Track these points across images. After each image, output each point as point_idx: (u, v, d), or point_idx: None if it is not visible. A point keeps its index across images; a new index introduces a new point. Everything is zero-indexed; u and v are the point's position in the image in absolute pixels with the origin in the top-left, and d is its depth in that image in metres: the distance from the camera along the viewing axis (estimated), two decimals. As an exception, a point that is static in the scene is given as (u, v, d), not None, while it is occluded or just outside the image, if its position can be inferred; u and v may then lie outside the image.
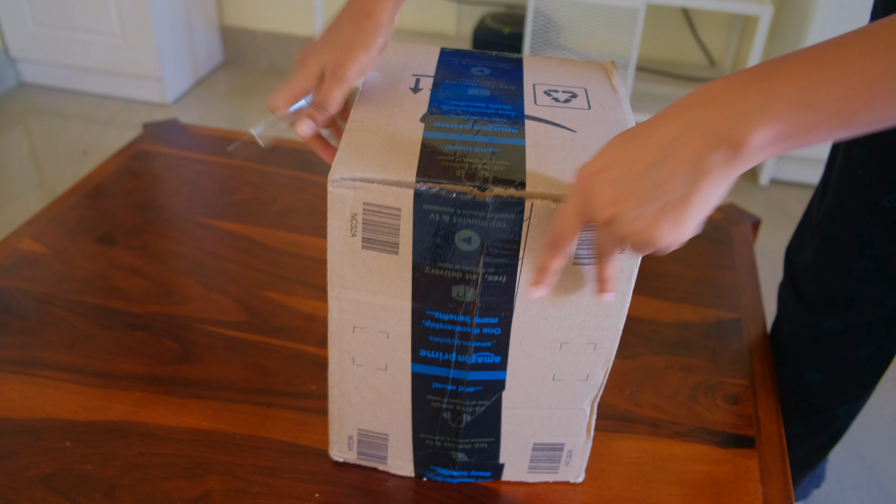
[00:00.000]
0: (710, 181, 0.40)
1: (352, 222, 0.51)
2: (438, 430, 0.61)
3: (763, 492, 0.65)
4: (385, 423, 0.62)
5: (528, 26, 2.03)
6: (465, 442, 0.62)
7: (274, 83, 2.58)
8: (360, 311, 0.55)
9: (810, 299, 0.81)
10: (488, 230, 0.49)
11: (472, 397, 0.59)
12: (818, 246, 0.79)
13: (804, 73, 0.38)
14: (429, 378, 0.58)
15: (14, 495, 0.61)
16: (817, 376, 0.84)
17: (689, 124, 0.40)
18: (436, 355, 0.56)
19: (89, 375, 0.73)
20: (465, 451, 0.63)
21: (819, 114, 0.37)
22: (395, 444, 0.63)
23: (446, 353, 0.56)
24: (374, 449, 0.64)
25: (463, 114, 0.55)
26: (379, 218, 0.50)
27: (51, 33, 2.32)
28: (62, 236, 0.91)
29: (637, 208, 0.41)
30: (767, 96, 0.38)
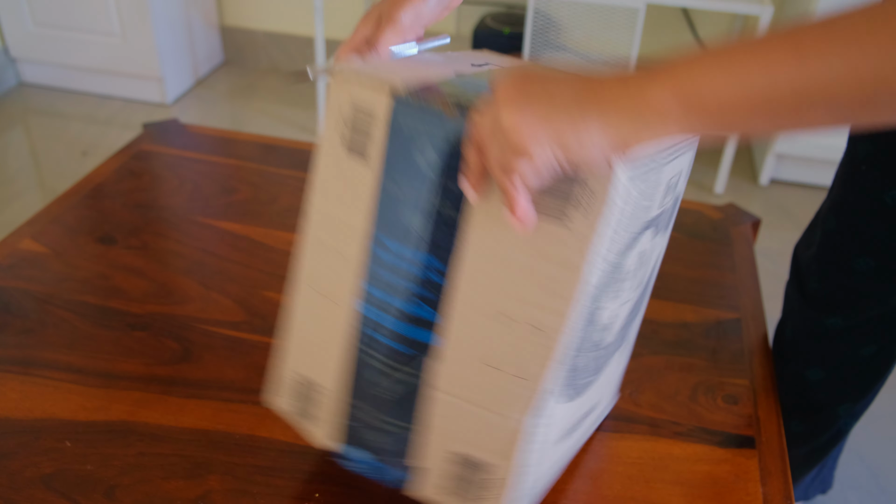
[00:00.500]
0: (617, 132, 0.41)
1: (341, 124, 0.51)
2: (368, 396, 0.57)
3: (763, 492, 0.65)
4: (319, 370, 0.59)
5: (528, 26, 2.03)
6: (387, 421, 0.57)
7: (274, 83, 2.58)
8: (328, 225, 0.55)
9: (813, 296, 0.81)
10: (452, 156, 0.49)
11: (401, 359, 0.54)
12: (821, 242, 0.79)
13: (702, 70, 0.39)
14: (370, 323, 0.55)
15: (14, 495, 0.61)
16: (818, 374, 0.84)
17: (590, 123, 0.41)
18: (380, 295, 0.54)
19: (89, 375, 0.73)
20: (383, 431, 0.58)
21: (706, 120, 0.39)
22: (324, 402, 0.60)
23: (391, 295, 0.53)
24: (304, 402, 0.61)
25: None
26: (360, 121, 0.50)
27: (51, 33, 2.32)
28: (62, 236, 0.91)
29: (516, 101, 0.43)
30: (674, 75, 0.39)
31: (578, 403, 0.58)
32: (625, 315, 0.59)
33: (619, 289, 0.54)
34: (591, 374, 0.58)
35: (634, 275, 0.56)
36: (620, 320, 0.58)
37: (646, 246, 0.55)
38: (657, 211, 0.53)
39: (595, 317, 0.52)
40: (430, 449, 0.56)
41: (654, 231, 0.55)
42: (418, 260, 0.52)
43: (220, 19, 2.62)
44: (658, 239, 0.58)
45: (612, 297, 0.53)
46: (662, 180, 0.51)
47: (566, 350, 0.49)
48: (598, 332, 0.54)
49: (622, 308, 0.57)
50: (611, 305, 0.54)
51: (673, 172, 0.53)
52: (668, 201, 0.55)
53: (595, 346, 0.55)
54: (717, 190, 2.13)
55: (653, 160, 0.48)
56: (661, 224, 0.57)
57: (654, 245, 0.58)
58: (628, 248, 0.51)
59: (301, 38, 2.60)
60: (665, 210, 0.56)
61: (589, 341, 0.54)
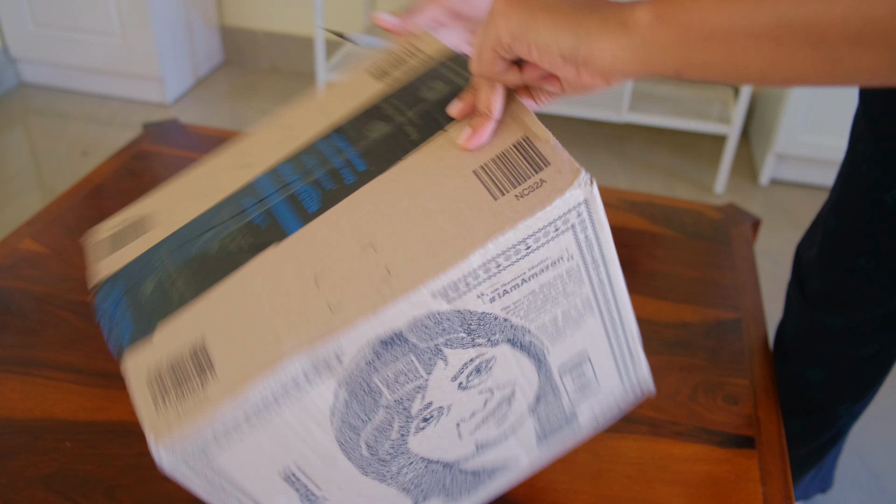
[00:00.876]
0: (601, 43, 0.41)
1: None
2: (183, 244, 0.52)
3: (763, 492, 0.65)
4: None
5: (528, 26, 2.03)
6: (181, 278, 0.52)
7: (274, 83, 2.58)
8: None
9: (813, 295, 0.81)
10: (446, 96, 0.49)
11: (249, 233, 0.49)
12: (822, 241, 0.79)
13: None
14: (251, 190, 0.50)
15: (14, 495, 0.61)
16: (818, 374, 0.85)
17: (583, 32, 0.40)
18: (287, 172, 0.49)
19: (89, 375, 0.73)
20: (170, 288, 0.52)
21: (689, 48, 0.38)
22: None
23: (297, 175, 0.48)
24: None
25: None
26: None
27: (51, 33, 2.32)
28: (62, 236, 0.91)
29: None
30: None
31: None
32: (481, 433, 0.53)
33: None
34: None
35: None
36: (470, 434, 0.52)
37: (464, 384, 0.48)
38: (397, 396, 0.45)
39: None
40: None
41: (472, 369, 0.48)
42: (347, 155, 0.48)
43: (220, 19, 2.63)
44: (516, 357, 0.50)
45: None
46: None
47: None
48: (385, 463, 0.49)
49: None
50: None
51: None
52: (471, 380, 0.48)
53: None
54: (717, 190, 2.13)
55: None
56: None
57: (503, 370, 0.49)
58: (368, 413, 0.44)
59: (301, 38, 2.60)
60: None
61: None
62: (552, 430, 0.59)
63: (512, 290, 0.45)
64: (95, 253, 0.49)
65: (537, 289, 0.46)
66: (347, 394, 0.43)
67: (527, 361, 0.51)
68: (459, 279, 0.42)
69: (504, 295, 0.45)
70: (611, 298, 0.52)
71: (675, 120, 2.08)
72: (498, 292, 0.45)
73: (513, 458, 0.58)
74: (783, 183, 2.18)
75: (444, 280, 0.41)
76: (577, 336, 0.52)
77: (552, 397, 0.56)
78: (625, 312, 0.54)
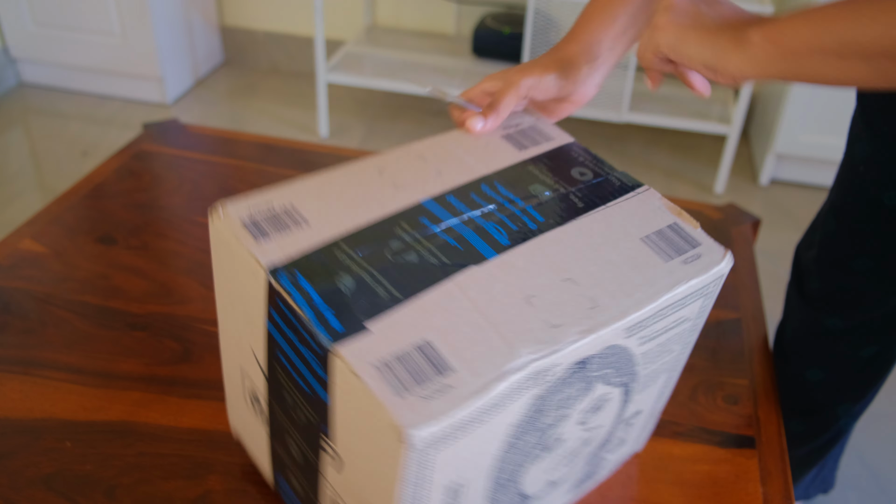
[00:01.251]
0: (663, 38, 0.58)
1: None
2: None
3: (763, 492, 0.65)
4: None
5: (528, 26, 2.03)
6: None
7: (274, 83, 2.58)
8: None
9: (812, 296, 0.81)
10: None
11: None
12: (820, 242, 0.79)
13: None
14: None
15: (14, 495, 0.61)
16: (818, 374, 0.85)
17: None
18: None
19: (89, 375, 0.73)
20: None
21: (785, 61, 0.50)
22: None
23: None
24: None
25: None
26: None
27: (51, 33, 2.32)
28: (62, 236, 0.91)
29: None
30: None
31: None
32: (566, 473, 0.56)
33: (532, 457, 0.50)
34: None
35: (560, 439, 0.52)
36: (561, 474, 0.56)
37: (576, 419, 0.51)
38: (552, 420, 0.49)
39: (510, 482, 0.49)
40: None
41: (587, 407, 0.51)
42: (522, 206, 0.54)
43: (220, 19, 2.63)
44: (614, 395, 0.53)
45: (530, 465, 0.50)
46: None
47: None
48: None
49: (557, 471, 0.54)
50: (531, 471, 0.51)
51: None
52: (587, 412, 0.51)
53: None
54: (717, 190, 2.13)
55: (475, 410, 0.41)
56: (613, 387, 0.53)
57: (601, 404, 0.53)
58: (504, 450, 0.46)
59: (301, 38, 2.60)
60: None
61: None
62: (586, 478, 0.62)
63: (655, 338, 0.52)
64: (241, 231, 0.49)
65: (664, 341, 0.54)
66: (535, 410, 0.46)
67: (616, 409, 0.56)
68: (644, 320, 0.49)
69: (650, 341, 0.52)
70: (681, 365, 0.60)
71: (675, 120, 2.08)
72: (648, 338, 0.51)
73: (554, 501, 0.60)
74: (783, 183, 2.18)
75: (637, 318, 0.48)
76: (645, 392, 0.58)
77: (604, 446, 0.59)
78: (672, 382, 0.61)
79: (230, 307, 0.53)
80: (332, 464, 0.48)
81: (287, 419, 0.51)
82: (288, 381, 0.49)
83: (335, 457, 0.47)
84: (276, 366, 0.50)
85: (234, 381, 0.58)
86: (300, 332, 0.45)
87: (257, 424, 0.57)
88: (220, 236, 0.50)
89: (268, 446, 0.57)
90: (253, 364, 0.53)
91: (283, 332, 0.47)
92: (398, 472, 0.40)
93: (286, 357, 0.48)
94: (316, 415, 0.47)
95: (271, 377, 0.51)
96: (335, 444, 0.46)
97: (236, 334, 0.54)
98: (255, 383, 0.54)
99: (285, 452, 0.54)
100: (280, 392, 0.51)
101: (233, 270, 0.50)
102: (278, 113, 2.38)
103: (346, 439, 0.45)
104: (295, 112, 2.39)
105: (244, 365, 0.55)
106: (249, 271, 0.48)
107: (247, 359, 0.54)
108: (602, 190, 0.57)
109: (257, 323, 0.50)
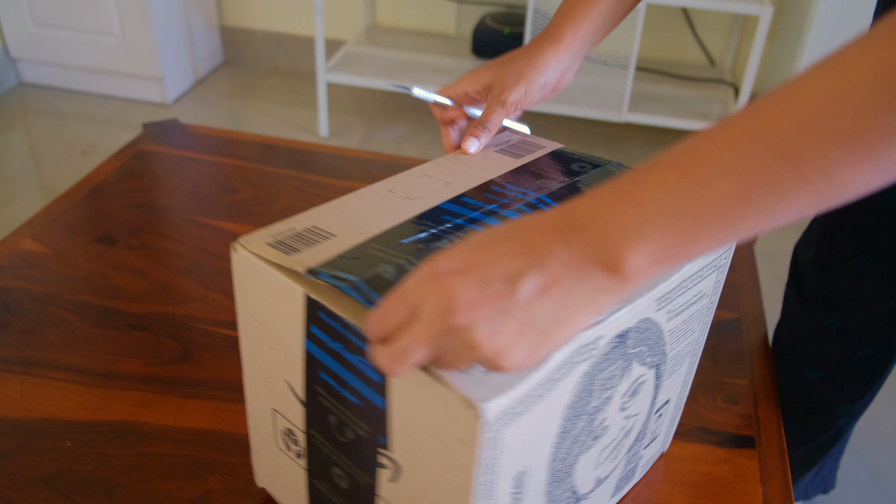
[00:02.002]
0: (581, 313, 0.36)
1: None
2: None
3: (763, 492, 0.65)
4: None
5: (528, 26, 2.03)
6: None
7: (274, 83, 2.58)
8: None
9: (810, 297, 0.82)
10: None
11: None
12: (817, 243, 0.79)
13: (671, 178, 0.34)
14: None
15: (14, 495, 0.61)
16: (817, 375, 0.85)
17: (558, 252, 0.35)
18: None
19: (89, 375, 0.73)
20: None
21: (696, 223, 0.33)
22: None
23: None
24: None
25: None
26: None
27: (51, 33, 2.32)
28: (62, 236, 0.91)
29: (495, 320, 0.35)
30: (636, 213, 0.34)
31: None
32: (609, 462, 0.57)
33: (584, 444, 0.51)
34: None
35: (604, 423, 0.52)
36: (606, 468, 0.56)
37: (618, 403, 0.52)
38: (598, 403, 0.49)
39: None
40: None
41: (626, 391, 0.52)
42: (536, 195, 0.56)
43: (220, 19, 2.63)
44: (647, 375, 0.54)
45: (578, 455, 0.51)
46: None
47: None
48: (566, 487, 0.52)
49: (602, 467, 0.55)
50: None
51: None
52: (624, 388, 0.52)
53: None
54: (717, 190, 2.13)
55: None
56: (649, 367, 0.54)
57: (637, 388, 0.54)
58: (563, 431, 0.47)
59: (301, 38, 2.60)
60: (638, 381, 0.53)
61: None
62: (626, 478, 0.63)
63: (680, 313, 0.53)
64: (269, 251, 0.48)
65: (687, 318, 0.55)
66: (583, 390, 0.46)
67: (650, 395, 0.57)
68: (670, 291, 0.50)
69: (675, 317, 0.53)
70: (700, 350, 0.62)
71: (675, 120, 2.07)
72: (674, 312, 0.52)
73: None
74: (783, 183, 2.18)
75: (665, 289, 0.49)
76: (673, 378, 0.60)
77: (640, 440, 0.60)
78: (693, 370, 0.63)
79: (259, 343, 0.52)
80: (387, 476, 0.47)
81: (331, 445, 0.51)
82: (333, 401, 0.48)
83: (392, 465, 0.46)
84: (316, 389, 0.49)
85: (263, 427, 0.57)
86: (347, 338, 0.44)
87: (292, 466, 0.56)
88: (245, 265, 0.50)
89: (305, 487, 0.56)
90: (288, 397, 0.52)
91: (326, 345, 0.46)
92: (472, 455, 0.40)
93: (330, 373, 0.47)
94: (369, 426, 0.46)
95: (310, 402, 0.50)
96: (392, 452, 0.46)
97: (266, 372, 0.53)
98: (291, 418, 0.53)
99: (328, 486, 0.53)
100: (322, 417, 0.50)
101: (262, 299, 0.50)
102: (278, 113, 2.38)
103: (406, 441, 0.44)
104: (295, 112, 2.39)
105: (276, 404, 0.54)
106: (283, 292, 0.47)
107: (280, 395, 0.53)
108: (604, 177, 0.59)
109: (293, 347, 0.49)
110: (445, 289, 0.36)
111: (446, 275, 0.36)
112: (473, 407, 0.38)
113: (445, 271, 0.36)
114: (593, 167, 0.62)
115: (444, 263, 0.37)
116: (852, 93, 0.30)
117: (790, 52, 2.00)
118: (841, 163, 0.30)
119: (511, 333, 0.36)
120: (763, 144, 0.31)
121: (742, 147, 0.32)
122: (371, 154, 1.13)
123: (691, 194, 0.33)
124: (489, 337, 0.36)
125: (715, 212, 0.33)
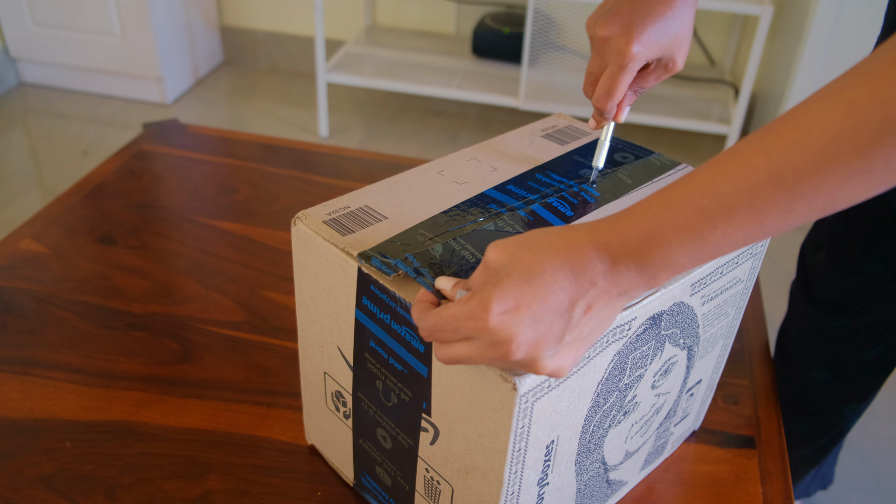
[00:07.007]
0: (615, 315, 0.43)
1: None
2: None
3: (763, 492, 0.65)
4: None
5: (528, 26, 2.03)
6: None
7: (274, 83, 2.58)
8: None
9: (821, 298, 0.81)
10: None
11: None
12: (829, 246, 0.79)
13: (694, 219, 0.38)
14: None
15: (14, 495, 0.61)
16: (824, 375, 0.84)
17: (600, 282, 0.40)
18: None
19: (89, 375, 0.73)
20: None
21: (715, 253, 0.39)
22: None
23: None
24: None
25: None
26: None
27: (51, 33, 2.32)
28: (62, 236, 0.91)
29: (551, 349, 0.40)
30: (665, 253, 0.39)
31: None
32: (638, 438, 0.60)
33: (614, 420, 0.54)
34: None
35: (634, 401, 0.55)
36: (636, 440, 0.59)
37: (650, 380, 0.55)
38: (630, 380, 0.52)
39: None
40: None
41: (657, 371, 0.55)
42: (579, 184, 0.58)
43: (220, 19, 2.62)
44: (680, 355, 0.57)
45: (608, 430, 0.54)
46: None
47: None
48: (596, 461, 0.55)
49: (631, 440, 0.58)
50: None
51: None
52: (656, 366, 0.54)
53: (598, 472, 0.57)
54: (717, 190, 2.13)
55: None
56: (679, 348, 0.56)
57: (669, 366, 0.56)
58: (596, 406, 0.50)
59: (301, 38, 2.60)
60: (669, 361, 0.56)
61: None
62: (656, 453, 0.65)
63: (714, 298, 0.55)
64: (325, 229, 0.52)
65: (721, 303, 0.57)
66: (616, 368, 0.49)
67: (682, 374, 0.59)
68: (705, 277, 0.52)
69: (710, 301, 0.55)
70: (733, 333, 0.64)
71: (675, 120, 2.08)
72: (709, 297, 0.54)
73: (627, 477, 0.63)
74: (783, 183, 2.18)
75: (700, 274, 0.51)
76: (705, 359, 0.62)
77: (671, 417, 0.63)
78: (727, 352, 0.65)
79: (314, 311, 0.56)
80: (428, 439, 0.51)
81: (376, 408, 0.54)
82: (379, 367, 0.52)
83: (432, 429, 0.50)
84: (365, 356, 0.53)
85: (315, 389, 0.61)
86: (395, 310, 0.48)
87: (340, 426, 0.60)
88: (304, 238, 0.53)
89: (351, 445, 0.60)
90: (338, 361, 0.56)
91: (376, 316, 0.50)
92: (506, 424, 0.44)
93: (378, 342, 0.51)
94: (412, 392, 0.50)
95: (359, 367, 0.54)
96: (432, 417, 0.49)
97: (319, 338, 0.57)
98: (341, 381, 0.57)
99: (372, 445, 0.57)
100: (369, 382, 0.54)
101: (318, 269, 0.53)
102: (278, 113, 2.38)
103: (446, 408, 0.48)
104: (295, 112, 2.39)
105: (327, 368, 0.58)
106: (338, 265, 0.51)
107: (331, 359, 0.57)
108: (646, 168, 0.61)
109: (345, 316, 0.53)
110: (501, 330, 0.39)
111: (500, 315, 0.39)
112: (510, 380, 0.42)
113: (498, 312, 0.39)
114: (635, 158, 0.63)
115: (495, 305, 0.39)
116: (857, 130, 0.33)
117: (790, 52, 2.00)
118: (845, 190, 0.35)
119: (564, 354, 0.41)
120: (777, 185, 0.35)
121: (759, 188, 0.36)
122: (371, 154, 1.13)
123: (713, 232, 0.38)
124: (547, 361, 0.41)
125: (732, 244, 0.38)
